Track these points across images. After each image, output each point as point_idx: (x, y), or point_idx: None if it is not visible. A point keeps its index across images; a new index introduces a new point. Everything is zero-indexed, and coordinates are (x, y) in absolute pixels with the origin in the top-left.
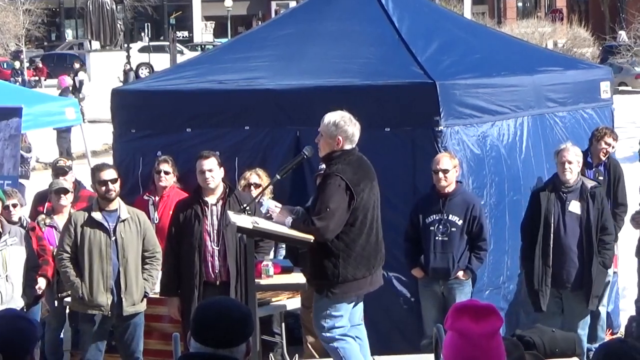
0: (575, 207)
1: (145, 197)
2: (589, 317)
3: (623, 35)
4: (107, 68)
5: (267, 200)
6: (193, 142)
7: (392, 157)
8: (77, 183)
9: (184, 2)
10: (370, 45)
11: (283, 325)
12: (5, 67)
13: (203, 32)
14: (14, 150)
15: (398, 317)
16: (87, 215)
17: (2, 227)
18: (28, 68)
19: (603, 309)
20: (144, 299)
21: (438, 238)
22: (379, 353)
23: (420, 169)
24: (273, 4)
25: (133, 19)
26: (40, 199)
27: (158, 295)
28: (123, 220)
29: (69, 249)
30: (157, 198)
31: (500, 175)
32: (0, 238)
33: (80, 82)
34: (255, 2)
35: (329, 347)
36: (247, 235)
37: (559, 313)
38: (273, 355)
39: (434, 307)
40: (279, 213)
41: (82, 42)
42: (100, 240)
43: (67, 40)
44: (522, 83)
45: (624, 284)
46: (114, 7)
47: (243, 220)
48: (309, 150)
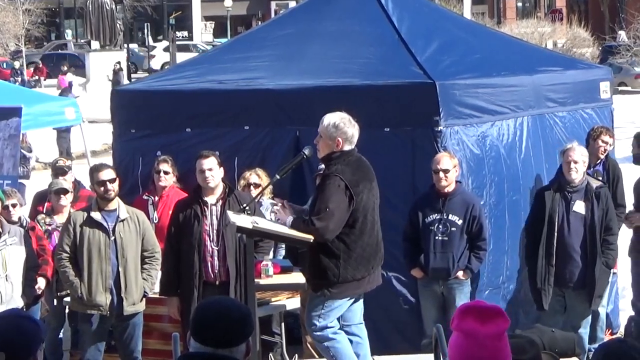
0: (580, 207)
1: (145, 196)
2: (591, 316)
3: (623, 35)
4: (106, 68)
5: (266, 200)
6: (193, 142)
7: (391, 157)
8: (76, 183)
9: (184, 2)
10: (370, 45)
11: (283, 325)
12: (5, 67)
13: (203, 32)
14: (14, 150)
15: (398, 317)
16: (86, 215)
17: (1, 226)
18: (27, 68)
19: (602, 310)
20: (143, 299)
21: (438, 238)
22: (379, 353)
23: (420, 169)
24: (273, 4)
25: (133, 19)
26: (40, 199)
27: (157, 295)
28: (122, 220)
29: (68, 249)
30: (156, 198)
31: (500, 175)
32: (0, 238)
33: (70, 83)
34: (255, 2)
35: (321, 346)
36: (246, 235)
37: (561, 312)
38: (272, 355)
39: (434, 306)
40: (282, 209)
41: (66, 42)
42: (100, 240)
43: (51, 41)
44: (521, 83)
45: (623, 284)
46: (114, 7)
47: (243, 220)
48: (309, 150)
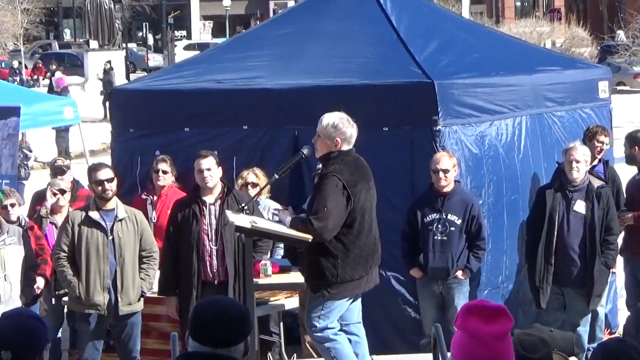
0: (580, 206)
1: (144, 196)
2: (590, 315)
3: (621, 35)
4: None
5: (264, 200)
6: (191, 141)
7: (390, 156)
8: (75, 182)
9: (182, 1)
10: (369, 45)
11: (281, 325)
12: (4, 66)
13: (201, 31)
14: (12, 150)
15: (397, 316)
16: (84, 215)
17: (0, 226)
18: (26, 67)
19: (601, 309)
20: (141, 299)
21: (437, 237)
22: (378, 352)
23: (419, 169)
24: (271, 4)
25: (131, 19)
26: (38, 198)
27: (156, 295)
28: (120, 220)
29: (66, 248)
30: (155, 197)
31: (499, 175)
32: None
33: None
34: (254, 1)
35: (321, 347)
36: (245, 235)
37: (561, 310)
38: (271, 355)
39: (433, 306)
40: (282, 212)
41: (50, 42)
42: (98, 240)
43: (34, 43)
44: (520, 82)
45: (622, 284)
46: (112, 6)
47: (241, 220)
48: (308, 150)
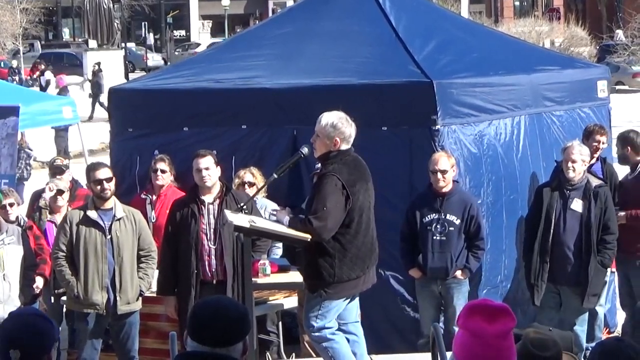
0: (577, 205)
1: (143, 196)
2: (588, 313)
3: (620, 34)
4: (104, 67)
5: (261, 199)
6: (190, 141)
7: (389, 156)
8: (74, 182)
9: (181, 1)
10: (368, 45)
11: (280, 324)
12: (2, 66)
13: (200, 31)
14: (11, 149)
15: (395, 316)
16: (82, 214)
17: None
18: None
19: (601, 309)
20: (140, 298)
21: (436, 237)
22: (376, 352)
23: (418, 168)
24: (270, 3)
25: (130, 18)
26: (37, 198)
27: (155, 294)
28: (118, 219)
29: (65, 248)
30: (154, 197)
31: (497, 174)
32: None
33: (47, 81)
34: (253, 1)
35: (319, 347)
36: (244, 234)
37: (556, 309)
38: (269, 354)
39: (432, 306)
40: (279, 212)
41: (32, 42)
42: (96, 239)
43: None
44: (519, 82)
45: None
46: (111, 6)
47: (240, 219)
48: (306, 150)
